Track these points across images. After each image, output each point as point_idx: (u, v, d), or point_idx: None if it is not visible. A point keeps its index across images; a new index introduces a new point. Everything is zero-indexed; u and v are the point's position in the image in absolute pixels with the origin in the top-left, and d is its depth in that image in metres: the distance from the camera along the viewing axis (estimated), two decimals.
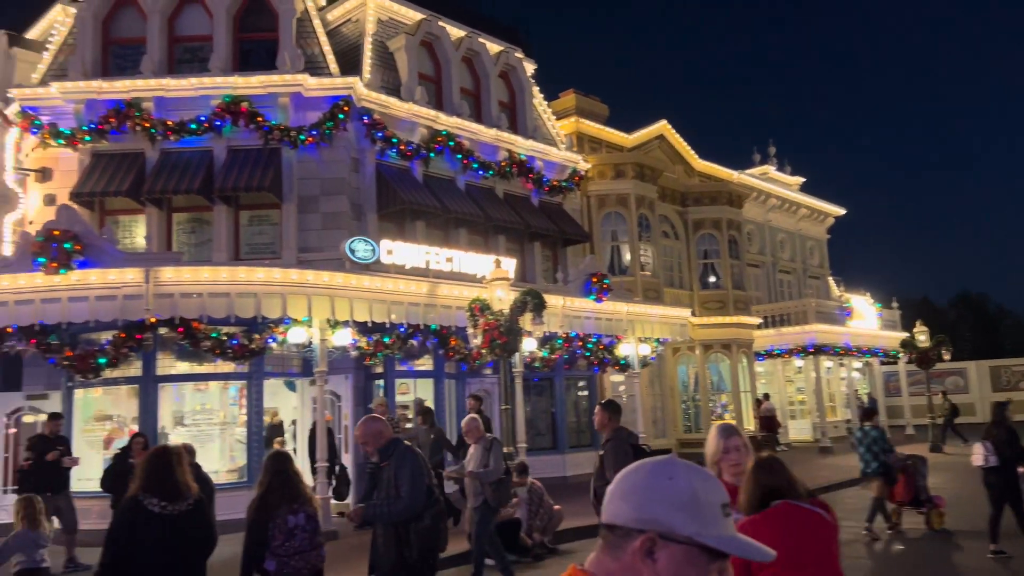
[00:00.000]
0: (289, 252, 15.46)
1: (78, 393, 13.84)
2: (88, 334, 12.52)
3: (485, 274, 15.13)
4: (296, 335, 12.09)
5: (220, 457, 14.17)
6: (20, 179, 15.63)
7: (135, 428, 14.56)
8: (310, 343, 12.33)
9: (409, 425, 14.42)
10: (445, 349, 14.53)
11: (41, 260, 10.87)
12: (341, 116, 15.85)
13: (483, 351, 14.19)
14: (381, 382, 15.34)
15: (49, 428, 10.74)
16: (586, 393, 19.64)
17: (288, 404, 15.93)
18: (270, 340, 12.20)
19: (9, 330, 11.40)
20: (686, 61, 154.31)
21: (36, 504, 6.77)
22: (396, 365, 15.28)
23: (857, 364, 30.09)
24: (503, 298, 12.67)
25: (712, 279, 24.71)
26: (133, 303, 11.21)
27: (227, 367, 13.81)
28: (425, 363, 15.96)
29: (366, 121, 16.47)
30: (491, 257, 14.90)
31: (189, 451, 7.64)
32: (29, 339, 11.39)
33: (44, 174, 15.71)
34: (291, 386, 15.86)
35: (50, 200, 15.70)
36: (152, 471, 4.71)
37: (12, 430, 14.19)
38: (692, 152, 26.69)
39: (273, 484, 5.27)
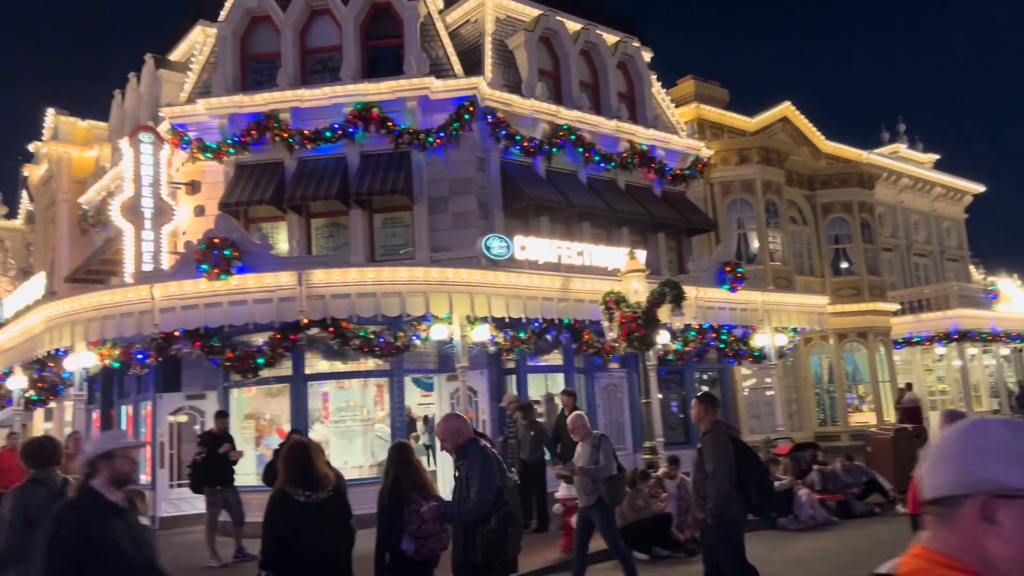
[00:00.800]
0: (421, 252, 15.82)
1: (233, 393, 14.66)
2: (239, 336, 13.19)
3: (615, 267, 15.05)
4: (438, 332, 12.35)
5: (362, 453, 14.67)
6: (171, 192, 16.65)
7: (281, 426, 15.38)
8: (451, 340, 12.56)
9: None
10: (578, 343, 14.50)
11: (204, 267, 11.54)
12: (467, 116, 16.09)
13: (617, 344, 14.11)
14: (513, 378, 15.49)
15: (217, 425, 11.40)
16: (717, 386, 19.20)
17: (414, 401, 16.26)
18: (414, 337, 12.51)
19: (176, 334, 12.16)
20: (804, 38, 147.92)
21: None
22: (527, 360, 15.39)
23: (1005, 351, 28.11)
24: (639, 290, 12.52)
25: (844, 265, 23.63)
26: (287, 305, 11.74)
27: (369, 365, 14.28)
28: (555, 358, 15.98)
29: (490, 120, 16.64)
30: (621, 250, 14.77)
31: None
32: (194, 342, 12.11)
33: (193, 187, 16.70)
34: (420, 383, 16.23)
35: (200, 211, 16.68)
36: (294, 464, 5.07)
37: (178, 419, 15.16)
38: (818, 133, 25.61)
39: (401, 473, 5.62)
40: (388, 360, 12.97)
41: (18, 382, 15.49)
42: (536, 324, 13.74)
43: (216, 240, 11.58)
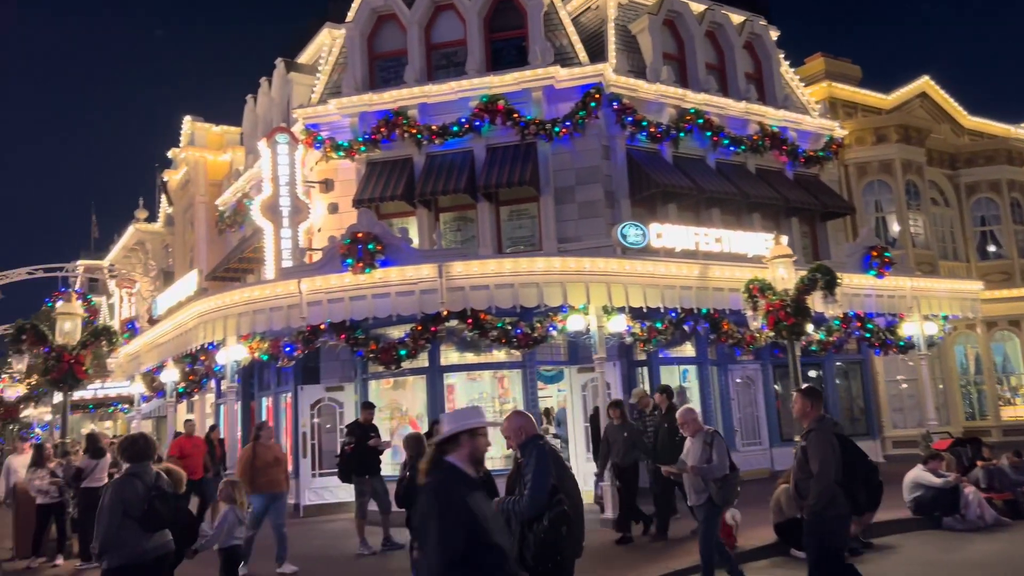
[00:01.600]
0: (549, 243, 15.72)
1: (371, 384, 15.00)
2: (376, 329, 13.42)
3: (755, 253, 14.49)
4: (575, 323, 12.19)
5: (493, 444, 14.68)
6: (306, 191, 17.19)
7: (413, 417, 15.62)
8: (587, 330, 12.38)
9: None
10: (717, 333, 14.03)
11: (349, 261, 11.81)
12: (592, 104, 15.87)
13: (758, 335, 13.58)
14: (645, 370, 15.17)
15: (364, 416, 11.63)
16: (857, 378, 18.27)
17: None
18: (550, 329, 12.41)
19: (322, 327, 12.50)
20: (938, 8, 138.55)
21: (239, 487, 7.68)
22: (659, 352, 15.02)
23: None
24: (785, 277, 11.96)
25: (992, 248, 22.03)
26: (429, 297, 11.88)
27: (501, 356, 14.31)
28: (686, 349, 15.54)
29: (615, 107, 16.35)
30: (760, 235, 14.21)
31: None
32: (339, 334, 12.41)
33: (327, 185, 17.19)
34: (540, 376, 16.13)
35: (333, 208, 17.16)
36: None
37: (316, 419, 15.66)
38: (960, 108, 23.95)
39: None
40: (523, 351, 12.90)
41: (170, 375, 16.35)
42: (673, 314, 13.38)
43: (360, 235, 11.82)
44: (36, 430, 45.60)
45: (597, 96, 15.90)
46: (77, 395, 27.55)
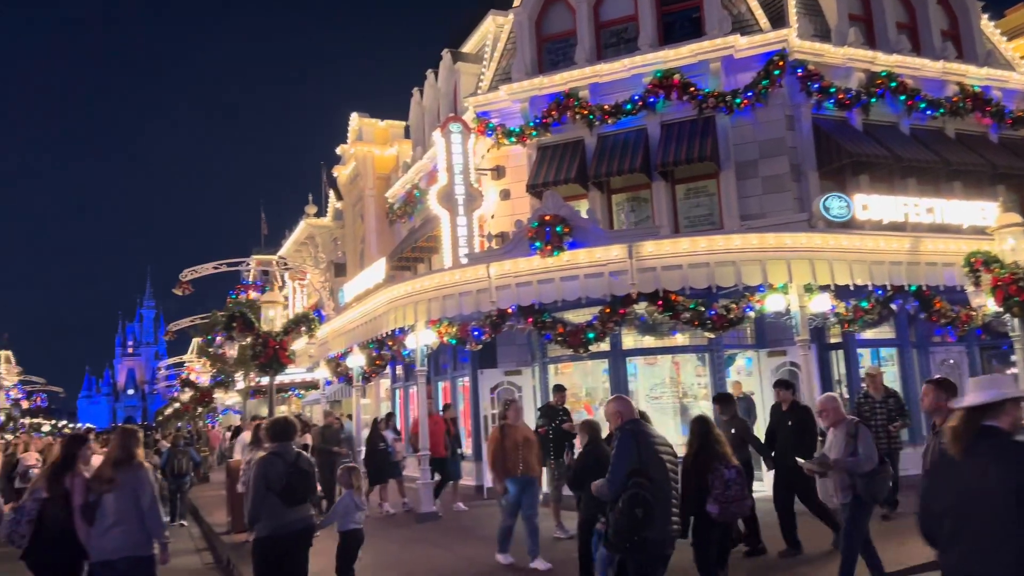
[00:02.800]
0: (730, 220, 15.05)
1: (550, 368, 14.96)
2: (560, 312, 13.30)
3: (971, 224, 13.26)
4: (774, 302, 11.56)
5: (675, 430, 14.26)
6: (477, 179, 17.36)
7: (587, 401, 15.44)
8: (787, 311, 11.71)
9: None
10: (928, 312, 12.91)
11: (537, 244, 11.73)
12: (776, 72, 15.00)
13: (975, 313, 12.40)
14: (840, 353, 14.24)
15: (556, 399, 11.57)
16: None
17: (693, 378, 15.37)
18: (747, 309, 11.83)
19: (509, 311, 12.52)
20: None
21: (358, 473, 7.84)
22: (855, 334, 14.02)
23: None
24: (1016, 248, 10.78)
25: None
26: (618, 279, 11.61)
27: (685, 340, 13.86)
28: (883, 331, 14.41)
29: (800, 74, 15.37)
30: (978, 204, 12.91)
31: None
32: (527, 318, 12.39)
33: (498, 172, 17.28)
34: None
35: (505, 195, 17.25)
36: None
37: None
38: None
39: (703, 443, 6.38)
40: (716, 334, 12.39)
41: (356, 360, 17.01)
42: (879, 292, 12.42)
43: (547, 217, 11.72)
44: (223, 415, 49.37)
45: (780, 63, 15.02)
46: (259, 380, 29.48)
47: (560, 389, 11.66)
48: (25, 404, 68.36)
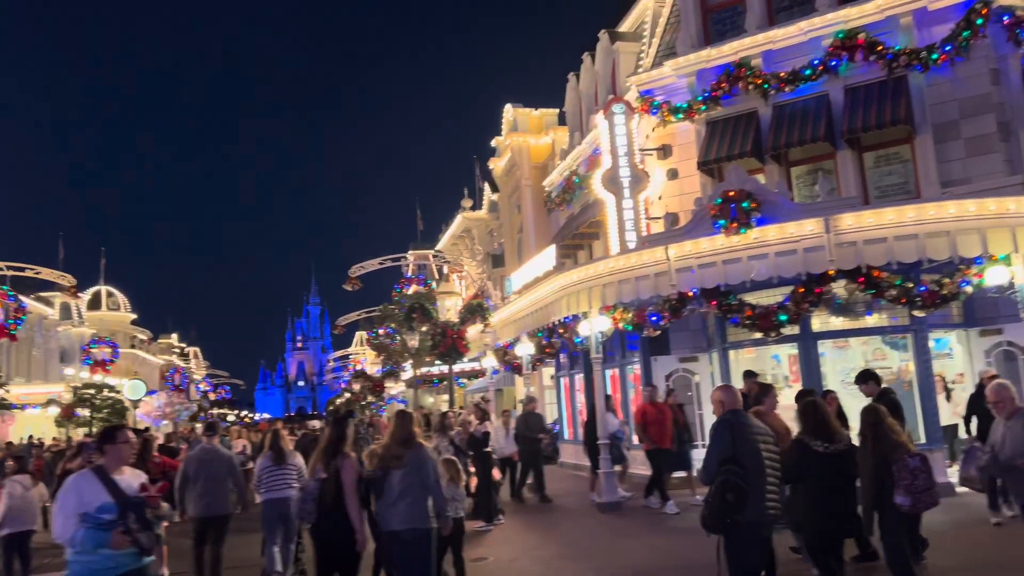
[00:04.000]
0: (929, 188, 13.71)
1: (731, 354, 14.24)
2: (746, 294, 12.58)
3: None
4: (995, 275, 10.36)
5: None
6: (641, 160, 16.84)
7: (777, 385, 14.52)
8: (1011, 284, 10.46)
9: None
10: None
11: (721, 222, 11.13)
12: (979, 22, 13.47)
13: None
14: None
15: (747, 386, 10.91)
16: None
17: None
18: (963, 284, 10.67)
19: (690, 294, 11.98)
20: None
21: (458, 466, 8.06)
22: None
23: None
24: None
25: None
26: (813, 255, 10.81)
27: (883, 320, 12.76)
28: None
29: (1007, 21, 13.71)
30: None
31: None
32: (710, 301, 11.81)
33: (664, 151, 16.69)
34: (893, 344, 14.13)
35: (672, 174, 16.64)
36: (811, 419, 6.15)
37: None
38: None
39: (876, 435, 6.08)
40: (925, 312, 11.27)
41: (525, 348, 16.99)
42: None
43: (732, 193, 11.09)
44: (387, 404, 51.61)
45: (984, 11, 13.46)
46: (423, 370, 30.35)
47: (751, 375, 11.00)
48: (212, 396, 74.65)
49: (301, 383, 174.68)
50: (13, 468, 10.67)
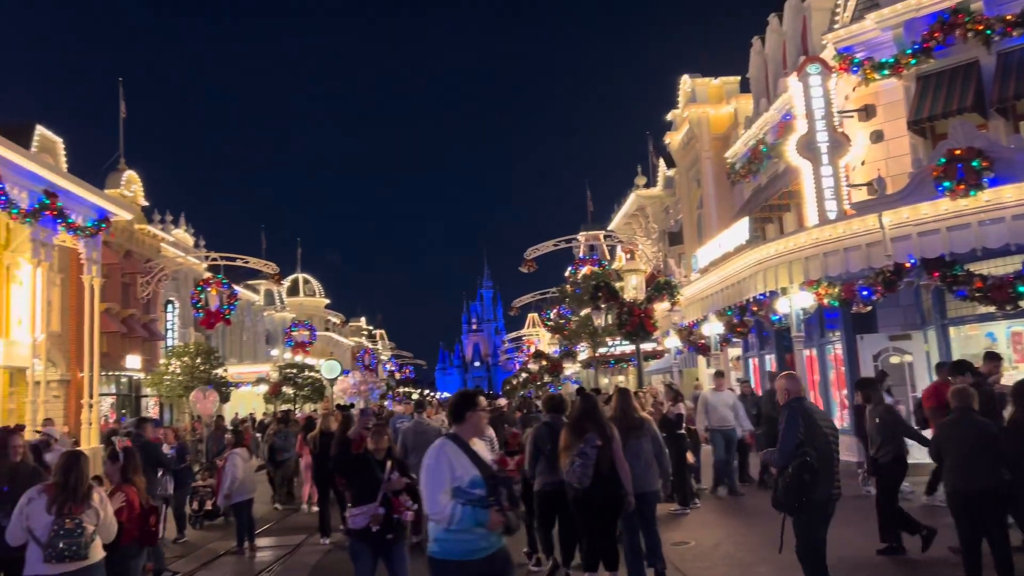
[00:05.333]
0: None
1: (951, 331, 12.90)
2: (972, 264, 11.27)
3: None
4: None
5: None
6: (840, 122, 15.57)
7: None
8: None
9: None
10: None
11: (946, 184, 10.02)
12: None
13: None
14: None
15: (986, 368, 9.76)
16: None
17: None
18: None
19: (907, 265, 10.92)
20: None
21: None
22: None
23: None
24: None
25: None
26: None
27: None
28: None
29: None
30: None
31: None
32: (931, 272, 10.70)
33: (867, 112, 15.37)
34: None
35: (876, 137, 15.31)
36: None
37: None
38: None
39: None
40: None
41: (713, 328, 16.34)
42: None
43: (958, 152, 9.95)
44: (562, 384, 52.09)
45: None
46: (601, 351, 30.11)
47: (993, 357, 9.74)
48: (398, 375, 78.85)
49: (477, 363, 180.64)
50: (231, 442, 11.68)
